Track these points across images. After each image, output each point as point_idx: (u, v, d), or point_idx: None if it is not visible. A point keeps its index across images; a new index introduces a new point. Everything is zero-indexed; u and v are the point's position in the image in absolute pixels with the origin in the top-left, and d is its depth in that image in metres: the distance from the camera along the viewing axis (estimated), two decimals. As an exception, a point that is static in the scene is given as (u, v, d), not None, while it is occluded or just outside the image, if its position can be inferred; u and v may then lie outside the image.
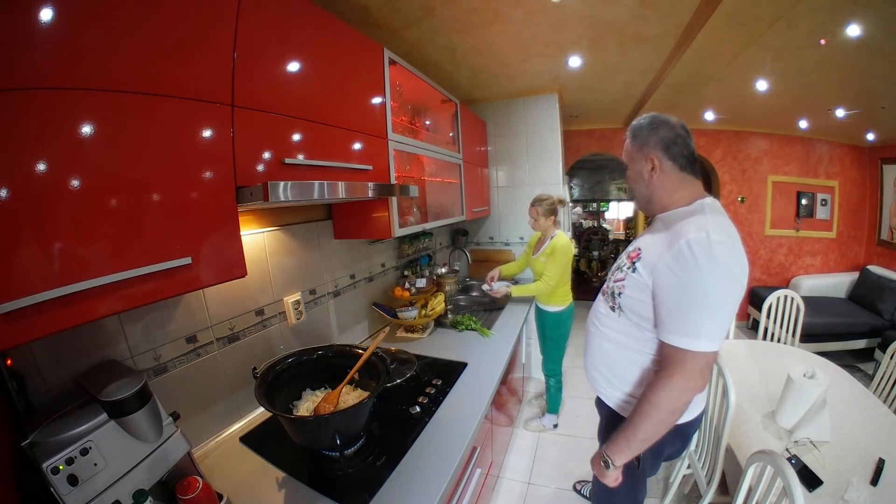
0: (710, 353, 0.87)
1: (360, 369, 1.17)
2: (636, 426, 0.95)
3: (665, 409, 0.91)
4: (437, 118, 2.33)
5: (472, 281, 3.09)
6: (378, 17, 1.71)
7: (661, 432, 0.94)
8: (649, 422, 0.93)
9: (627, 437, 0.97)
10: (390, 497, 0.95)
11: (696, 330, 0.87)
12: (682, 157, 0.98)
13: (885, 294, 3.37)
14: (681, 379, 0.89)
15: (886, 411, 1.54)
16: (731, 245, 0.88)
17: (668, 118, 1.01)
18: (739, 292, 0.88)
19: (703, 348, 0.86)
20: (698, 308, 0.86)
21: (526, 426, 2.62)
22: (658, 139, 0.99)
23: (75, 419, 0.74)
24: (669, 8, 1.71)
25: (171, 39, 0.73)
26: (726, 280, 0.86)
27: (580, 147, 4.60)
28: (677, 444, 1.17)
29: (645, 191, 1.05)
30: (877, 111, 3.04)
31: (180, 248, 0.76)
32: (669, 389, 0.90)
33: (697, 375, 0.88)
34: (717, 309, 0.86)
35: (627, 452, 0.99)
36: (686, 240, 0.87)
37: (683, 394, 0.90)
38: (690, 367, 0.88)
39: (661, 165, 0.99)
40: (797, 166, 4.11)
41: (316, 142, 1.11)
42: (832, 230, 4.13)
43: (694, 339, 0.87)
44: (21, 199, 0.55)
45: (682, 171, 0.99)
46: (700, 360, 0.87)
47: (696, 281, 0.85)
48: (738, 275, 0.87)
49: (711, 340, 0.87)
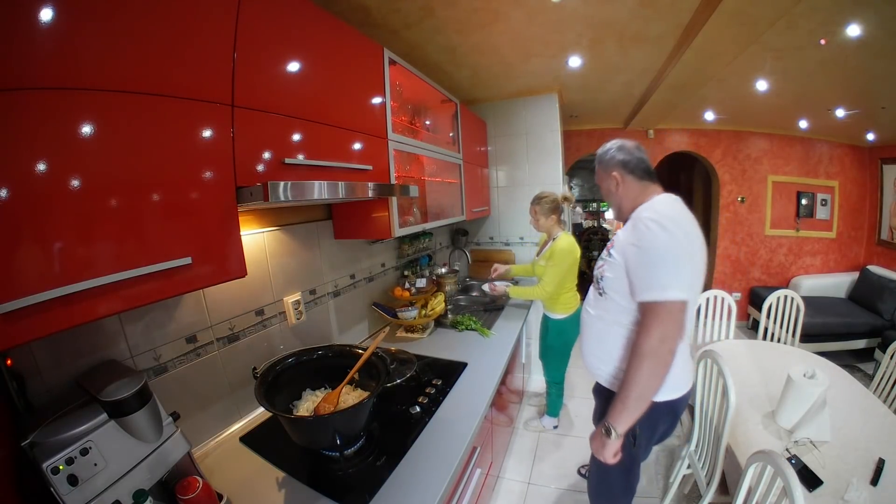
0: (677, 300, 1.02)
1: (360, 369, 1.17)
2: (629, 383, 1.06)
3: (649, 358, 1.03)
4: (437, 118, 2.33)
5: (472, 281, 3.09)
6: (378, 17, 1.71)
7: (652, 386, 1.05)
8: (639, 375, 1.04)
9: (623, 398, 1.08)
10: (390, 497, 0.95)
11: (659, 283, 1.03)
12: (639, 171, 1.21)
13: (885, 294, 3.37)
14: (657, 328, 1.02)
15: (886, 411, 1.54)
16: (676, 217, 1.08)
17: (624, 143, 1.25)
18: (690, 250, 1.06)
19: (669, 297, 1.02)
20: (657, 264, 1.04)
21: (526, 426, 2.62)
22: (617, 161, 1.23)
23: (75, 419, 0.74)
24: (669, 8, 1.71)
25: (171, 39, 0.73)
26: (675, 240, 1.04)
27: (580, 147, 4.60)
28: (668, 422, 1.28)
29: (615, 201, 1.28)
30: (877, 111, 3.04)
31: (180, 248, 0.76)
32: (650, 339, 1.03)
33: (671, 323, 1.02)
34: (674, 263, 1.03)
35: (626, 415, 1.08)
36: (642, 219, 1.09)
37: (663, 343, 1.02)
38: (663, 315, 1.02)
39: (623, 180, 1.23)
40: (797, 166, 4.11)
41: (316, 142, 1.11)
42: (832, 230, 4.13)
43: (660, 290, 1.03)
44: (21, 198, 0.55)
45: (640, 180, 1.21)
46: (670, 308, 1.02)
47: (652, 244, 1.05)
48: (689, 234, 1.06)
49: (676, 290, 1.02)
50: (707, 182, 4.74)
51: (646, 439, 1.27)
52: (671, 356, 1.04)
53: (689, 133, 4.27)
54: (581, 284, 2.03)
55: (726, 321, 2.39)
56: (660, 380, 1.05)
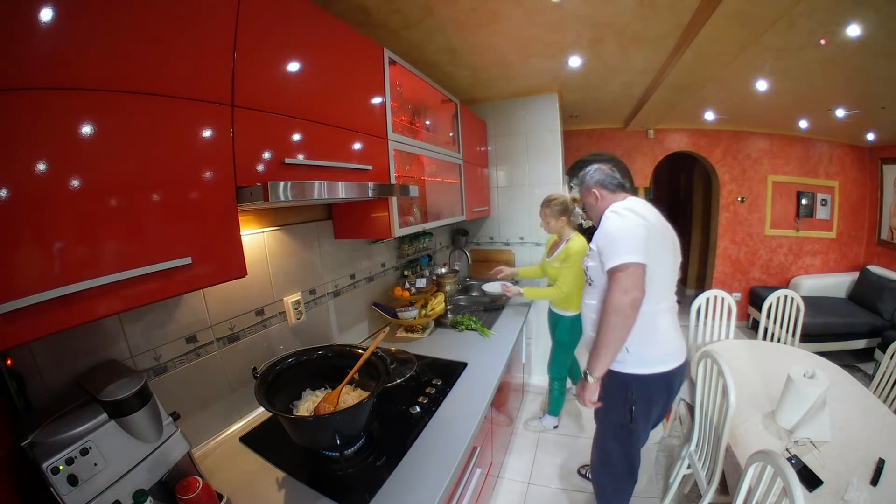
0: (630, 262, 1.24)
1: (360, 369, 1.17)
2: (600, 335, 1.30)
3: (613, 313, 1.25)
4: (437, 118, 2.33)
5: (472, 281, 3.09)
6: (378, 17, 1.71)
7: (620, 336, 1.27)
8: (607, 326, 1.27)
9: (596, 347, 1.31)
10: (390, 497, 0.95)
11: (616, 253, 1.27)
12: (612, 185, 1.49)
13: (885, 294, 3.37)
14: (617, 288, 1.25)
15: (886, 411, 1.54)
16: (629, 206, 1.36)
17: (600, 166, 1.53)
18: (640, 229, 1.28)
19: (625, 260, 1.24)
20: (615, 240, 1.29)
21: (526, 426, 2.62)
22: (595, 180, 1.50)
23: (75, 419, 0.74)
24: (669, 8, 1.71)
25: (172, 39, 0.73)
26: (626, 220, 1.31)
27: (580, 147, 4.60)
28: (663, 397, 1.44)
29: (596, 213, 1.52)
30: (877, 111, 3.04)
31: (180, 248, 0.76)
32: (612, 296, 1.25)
33: (628, 281, 1.24)
34: (627, 236, 1.28)
35: (600, 361, 1.31)
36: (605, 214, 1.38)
37: (624, 296, 1.23)
38: (622, 275, 1.25)
39: (601, 195, 1.49)
40: (797, 166, 4.11)
41: (316, 142, 1.11)
42: (832, 230, 4.13)
43: (617, 257, 1.26)
44: (21, 198, 0.55)
45: (613, 192, 1.48)
46: (626, 269, 1.24)
47: (610, 227, 1.32)
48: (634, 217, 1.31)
49: (630, 255, 1.24)
50: (707, 182, 4.74)
51: (643, 415, 1.41)
52: (633, 310, 1.24)
53: (689, 133, 4.27)
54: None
55: (726, 321, 2.39)
56: (625, 332, 1.26)
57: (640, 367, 1.35)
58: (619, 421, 1.42)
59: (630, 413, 1.36)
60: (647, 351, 1.34)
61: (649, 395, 1.38)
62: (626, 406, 1.37)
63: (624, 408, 1.38)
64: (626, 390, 1.37)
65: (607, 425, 1.50)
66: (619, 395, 1.38)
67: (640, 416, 1.39)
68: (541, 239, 3.09)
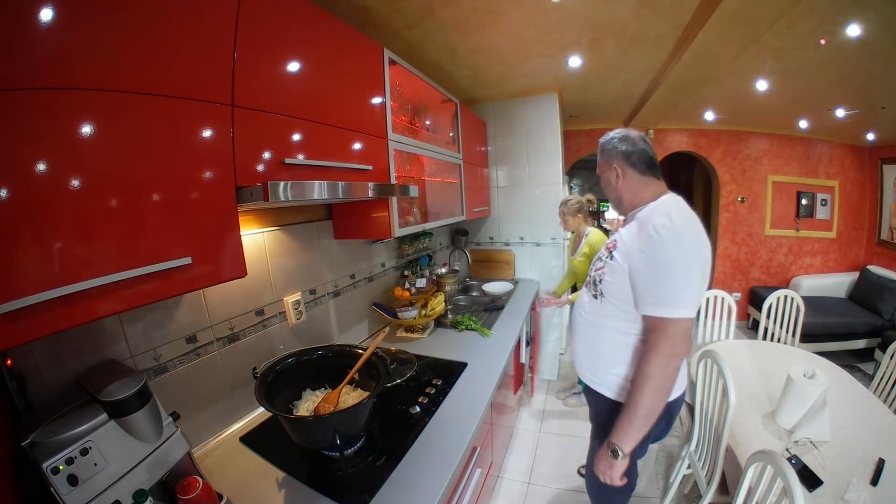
0: (687, 318, 0.99)
1: (360, 369, 1.17)
2: (635, 402, 1.03)
3: (658, 377, 1.00)
4: (437, 118, 2.33)
5: (472, 281, 3.09)
6: (378, 17, 1.70)
7: (659, 404, 1.03)
8: (647, 394, 1.01)
9: (630, 416, 1.04)
10: (390, 497, 0.95)
11: (670, 299, 0.99)
12: (641, 164, 1.14)
13: (885, 294, 3.37)
14: (666, 346, 0.99)
15: (886, 411, 1.54)
16: (690, 226, 1.03)
17: (628, 133, 1.17)
18: (702, 264, 1.02)
19: (679, 315, 0.98)
20: (668, 279, 0.99)
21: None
22: (620, 152, 1.16)
23: (75, 419, 0.74)
24: (669, 8, 1.71)
25: (172, 39, 0.73)
26: (689, 253, 1.00)
27: (580, 147, 4.60)
28: (662, 423, 1.24)
29: (615, 194, 1.21)
30: (877, 111, 3.04)
31: (180, 248, 0.76)
32: (658, 357, 1.00)
33: (680, 340, 1.00)
34: (685, 278, 0.99)
35: (632, 434, 1.04)
36: (653, 224, 1.02)
37: (671, 360, 1.00)
38: (672, 332, 0.99)
39: (625, 172, 1.16)
40: (797, 166, 4.11)
41: (316, 142, 1.11)
42: (832, 230, 4.13)
43: (671, 307, 0.99)
44: (21, 198, 0.55)
45: (643, 175, 1.14)
46: (679, 325, 0.99)
47: (664, 257, 0.99)
48: (700, 248, 1.01)
49: (686, 307, 0.99)
50: (707, 182, 4.74)
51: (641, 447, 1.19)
52: (676, 372, 1.03)
53: (689, 133, 4.27)
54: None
55: (726, 321, 2.39)
56: (666, 396, 1.03)
57: None
58: None
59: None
60: None
61: None
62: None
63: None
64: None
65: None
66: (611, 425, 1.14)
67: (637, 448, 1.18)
68: (541, 239, 3.09)
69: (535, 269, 3.16)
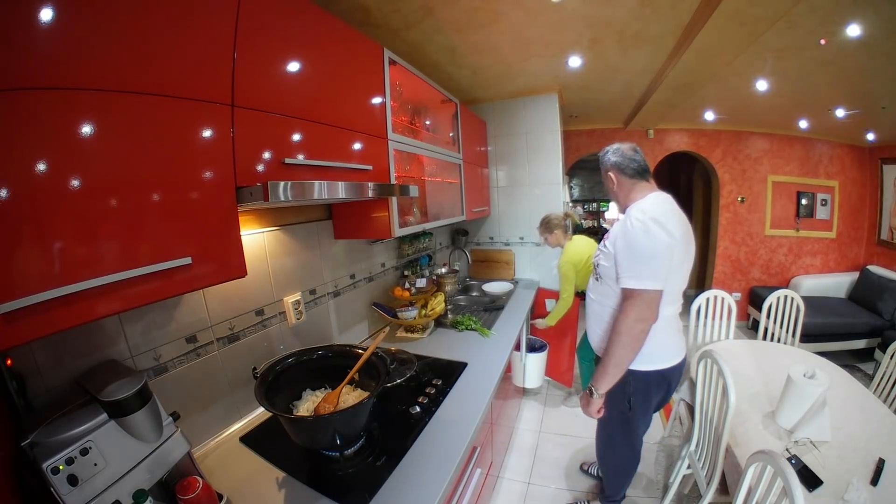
0: (651, 290, 1.23)
1: (360, 369, 1.17)
2: (608, 354, 1.31)
3: (626, 336, 1.26)
4: (437, 118, 2.33)
5: (472, 281, 3.09)
6: (378, 17, 1.71)
7: (627, 357, 1.29)
8: (617, 347, 1.28)
9: (604, 365, 1.33)
10: (390, 497, 0.95)
11: (638, 274, 1.24)
12: (629, 170, 1.39)
13: (885, 294, 3.37)
14: (633, 311, 1.24)
15: (886, 411, 1.54)
16: (660, 219, 1.25)
17: (619, 146, 1.43)
18: (666, 249, 1.23)
19: (644, 286, 1.23)
20: (638, 259, 1.24)
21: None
22: (612, 163, 1.42)
23: (75, 419, 0.74)
24: (669, 8, 1.71)
25: (172, 39, 0.73)
26: (655, 239, 1.23)
27: (580, 147, 4.60)
28: (662, 390, 1.48)
29: (613, 197, 1.48)
30: (877, 111, 3.04)
31: (180, 248, 0.76)
32: (627, 320, 1.25)
33: (645, 308, 1.24)
34: (652, 259, 1.23)
35: (606, 379, 1.33)
36: (631, 218, 1.27)
37: (637, 323, 1.24)
38: (638, 301, 1.24)
39: (617, 179, 1.42)
40: (797, 166, 4.11)
41: (316, 142, 1.11)
42: (832, 230, 4.13)
43: (637, 280, 1.24)
44: (21, 199, 0.55)
45: (632, 178, 1.39)
46: (644, 295, 1.23)
47: (636, 241, 1.25)
48: (664, 236, 1.23)
49: (651, 281, 1.23)
50: (707, 182, 4.74)
51: (641, 406, 1.47)
52: (644, 335, 1.26)
53: (689, 133, 4.27)
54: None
55: (726, 321, 2.39)
56: (633, 353, 1.28)
57: (638, 364, 1.35)
58: (619, 410, 1.48)
59: (628, 404, 1.44)
60: (646, 350, 1.33)
61: (647, 389, 1.44)
62: (624, 398, 1.43)
63: (623, 399, 1.44)
64: (624, 384, 1.38)
65: (609, 414, 1.51)
66: (618, 387, 1.38)
67: (638, 407, 1.46)
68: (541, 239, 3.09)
69: (535, 269, 3.16)
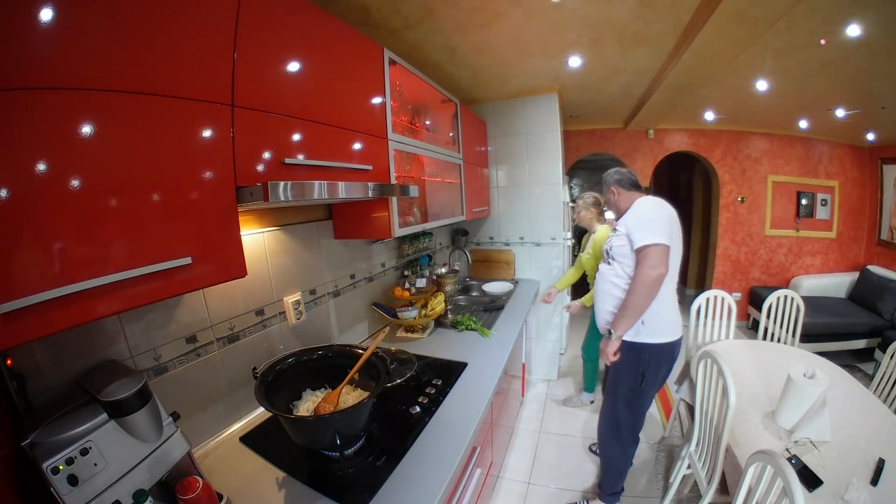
0: (660, 243, 1.49)
1: (360, 369, 1.17)
2: (627, 300, 1.55)
3: (642, 284, 1.50)
4: (437, 118, 2.33)
5: (472, 281, 3.09)
6: (378, 17, 1.70)
7: (643, 304, 1.52)
8: (635, 294, 1.52)
9: (623, 309, 1.57)
10: (390, 497, 0.95)
11: (647, 234, 1.51)
12: (628, 184, 1.75)
13: (885, 294, 3.37)
14: (647, 263, 1.49)
15: (886, 411, 1.54)
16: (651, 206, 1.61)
17: (619, 168, 1.81)
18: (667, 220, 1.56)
19: (654, 241, 1.49)
20: (647, 224, 1.54)
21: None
22: (613, 180, 1.77)
23: (75, 419, 0.74)
24: (669, 8, 1.71)
25: (172, 40, 0.73)
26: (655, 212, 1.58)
27: (580, 147, 4.60)
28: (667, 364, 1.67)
29: (614, 207, 1.82)
30: (877, 111, 3.04)
31: (180, 248, 0.76)
32: (643, 270, 1.50)
33: (657, 258, 1.49)
34: (657, 223, 1.53)
35: (623, 322, 1.57)
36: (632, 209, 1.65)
37: (652, 270, 1.48)
38: (651, 254, 1.49)
39: (618, 192, 1.76)
40: (797, 166, 4.11)
41: (316, 142, 1.11)
42: (832, 230, 4.13)
43: (648, 237, 1.50)
44: (20, 199, 0.55)
45: (629, 190, 1.74)
46: (655, 249, 1.49)
47: (644, 212, 1.60)
48: (660, 212, 1.58)
49: (659, 236, 1.49)
50: (707, 182, 4.74)
51: (651, 379, 1.64)
52: (658, 284, 1.50)
53: (689, 133, 4.27)
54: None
55: (726, 321, 2.39)
56: (650, 300, 1.52)
57: (652, 336, 1.59)
58: (630, 386, 1.67)
59: (641, 377, 1.62)
60: (658, 323, 1.59)
61: (658, 361, 1.62)
62: (638, 372, 1.62)
63: (636, 373, 1.63)
64: (640, 358, 1.61)
65: (618, 392, 1.73)
66: (633, 362, 1.62)
67: (649, 380, 1.64)
68: (541, 239, 3.09)
69: (535, 269, 3.17)
